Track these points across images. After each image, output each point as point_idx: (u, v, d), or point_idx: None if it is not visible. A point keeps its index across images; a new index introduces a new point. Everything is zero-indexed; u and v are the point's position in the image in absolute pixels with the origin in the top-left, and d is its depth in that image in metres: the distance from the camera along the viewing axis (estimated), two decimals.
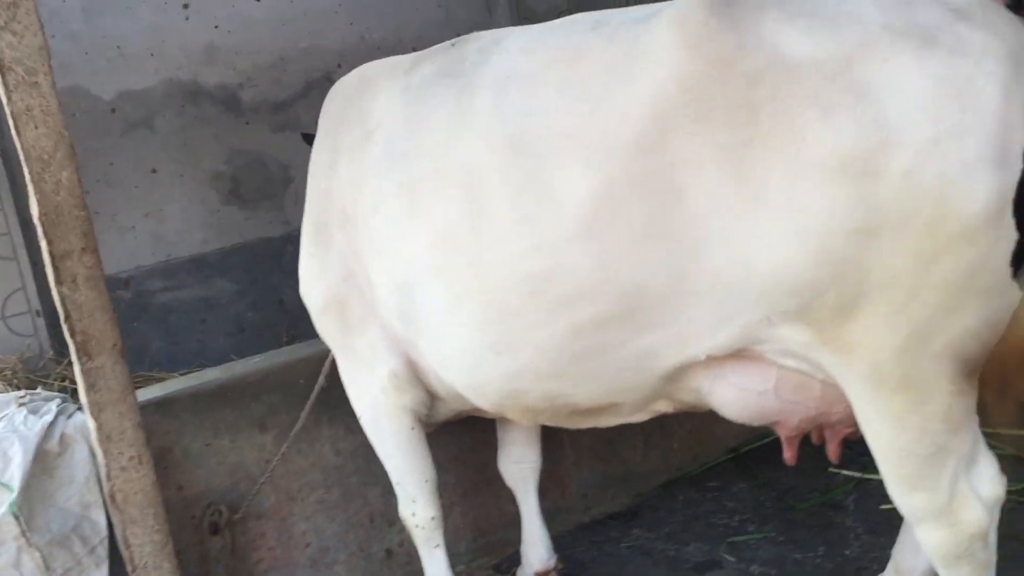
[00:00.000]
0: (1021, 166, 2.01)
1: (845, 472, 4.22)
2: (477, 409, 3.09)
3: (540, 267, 2.44)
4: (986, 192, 1.98)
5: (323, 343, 3.77)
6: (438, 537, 3.26)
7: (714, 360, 2.41)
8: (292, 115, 5.12)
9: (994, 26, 2.05)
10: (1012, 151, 2.00)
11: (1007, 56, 2.01)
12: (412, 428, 3.13)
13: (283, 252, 5.06)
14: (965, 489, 2.31)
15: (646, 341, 2.42)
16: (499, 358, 2.64)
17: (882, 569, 3.47)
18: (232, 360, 4.68)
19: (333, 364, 3.40)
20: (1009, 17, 2.12)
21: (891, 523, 3.75)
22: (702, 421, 4.59)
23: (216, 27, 4.93)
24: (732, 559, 3.74)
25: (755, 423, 2.61)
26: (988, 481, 2.35)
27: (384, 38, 5.28)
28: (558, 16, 2.87)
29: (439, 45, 3.00)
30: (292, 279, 4.69)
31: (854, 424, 2.45)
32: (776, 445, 4.55)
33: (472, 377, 2.78)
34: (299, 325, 5.03)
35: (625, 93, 2.28)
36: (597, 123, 2.32)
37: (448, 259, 2.63)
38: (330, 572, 3.77)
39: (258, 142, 5.01)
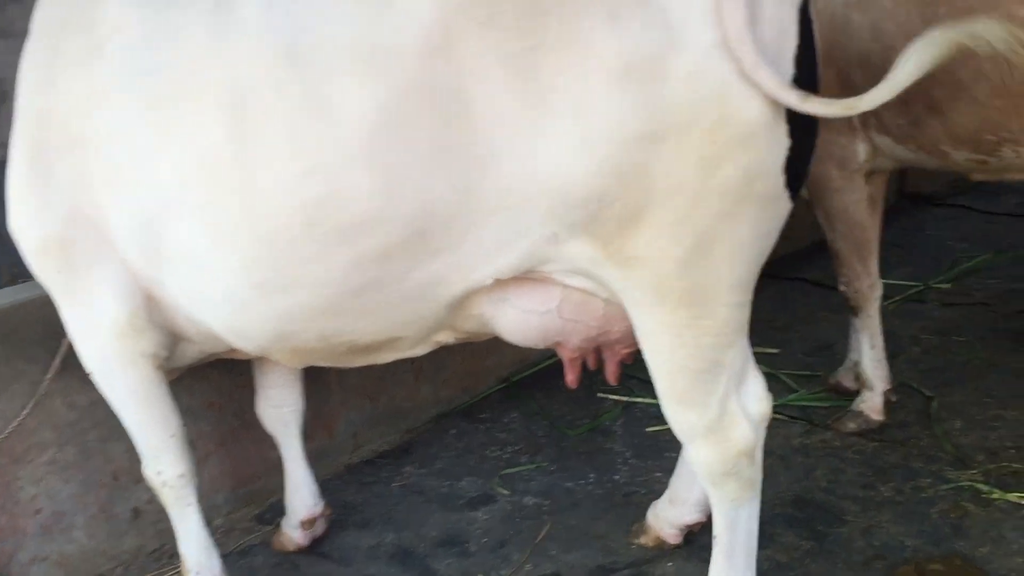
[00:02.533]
0: (792, 71, 2.08)
1: (613, 397, 4.28)
2: (233, 351, 2.81)
3: (316, 193, 2.21)
4: (762, 96, 2.02)
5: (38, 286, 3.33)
6: (190, 495, 2.97)
7: (499, 284, 2.32)
8: (5, 20, 4.45)
9: None
10: (784, 54, 2.06)
11: None
12: (151, 376, 2.79)
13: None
14: (734, 407, 2.37)
15: (432, 268, 2.29)
16: (268, 297, 2.39)
17: (650, 492, 3.54)
18: None
19: None
20: None
21: (657, 446, 3.87)
22: (473, 352, 4.50)
23: None
24: (506, 492, 3.68)
25: (538, 345, 2.56)
26: (756, 399, 2.43)
27: None
28: None
29: None
30: None
31: (632, 344, 2.48)
32: (547, 373, 4.63)
33: (235, 319, 2.51)
34: (22, 264, 4.48)
35: None
36: (378, 29, 2.12)
37: (208, 188, 2.33)
38: (67, 538, 3.38)
39: None
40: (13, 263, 4.48)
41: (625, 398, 4.25)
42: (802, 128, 2.14)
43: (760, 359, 2.59)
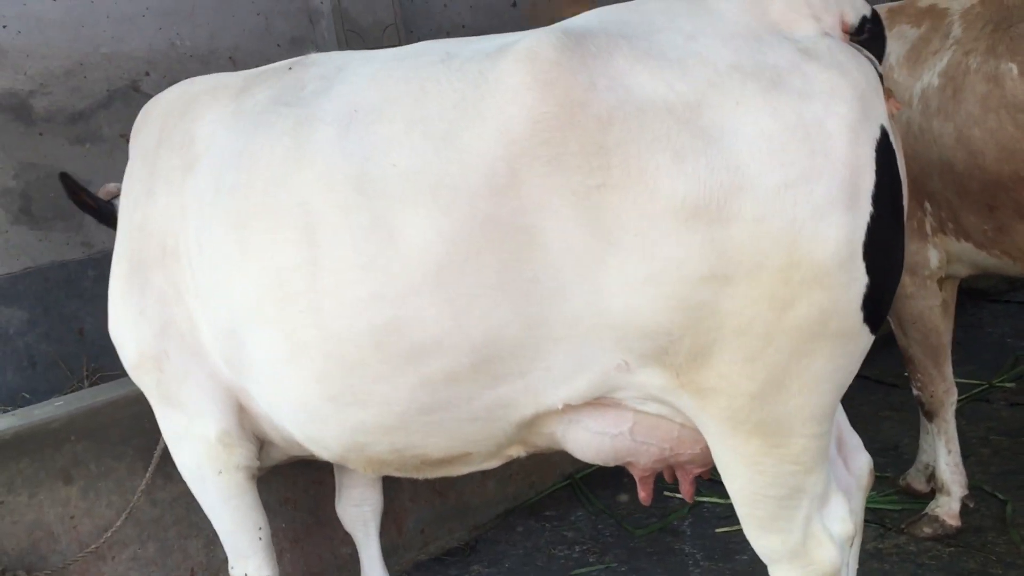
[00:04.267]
0: (870, 209, 2.02)
1: (679, 496, 4.26)
2: (315, 455, 2.87)
3: (384, 317, 2.27)
4: (836, 236, 1.98)
5: (129, 384, 3.43)
6: None
7: (570, 408, 2.33)
8: (93, 126, 4.65)
9: (842, 67, 2.05)
10: (861, 194, 2.01)
11: (855, 98, 2.01)
12: (243, 484, 2.86)
13: (82, 277, 4.58)
14: (818, 529, 2.33)
15: (499, 392, 2.32)
16: (342, 410, 2.45)
17: None
18: (25, 400, 4.21)
19: None
20: (856, 56, 2.13)
21: (728, 548, 3.84)
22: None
23: (3, 27, 4.42)
24: None
25: (608, 464, 2.55)
26: (839, 520, 2.38)
27: (196, 46, 4.91)
28: (383, 31, 2.68)
29: (274, 65, 2.75)
30: (93, 306, 4.26)
31: (705, 464, 2.47)
32: (609, 471, 4.60)
33: (311, 428, 2.57)
34: (101, 358, 4.59)
35: (474, 132, 2.15)
36: (445, 163, 2.17)
37: (283, 305, 2.40)
38: None
39: (53, 155, 4.51)
40: (91, 359, 4.63)
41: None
42: (883, 263, 2.10)
43: None
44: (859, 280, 2.04)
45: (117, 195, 3.56)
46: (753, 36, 2.07)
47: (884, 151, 2.05)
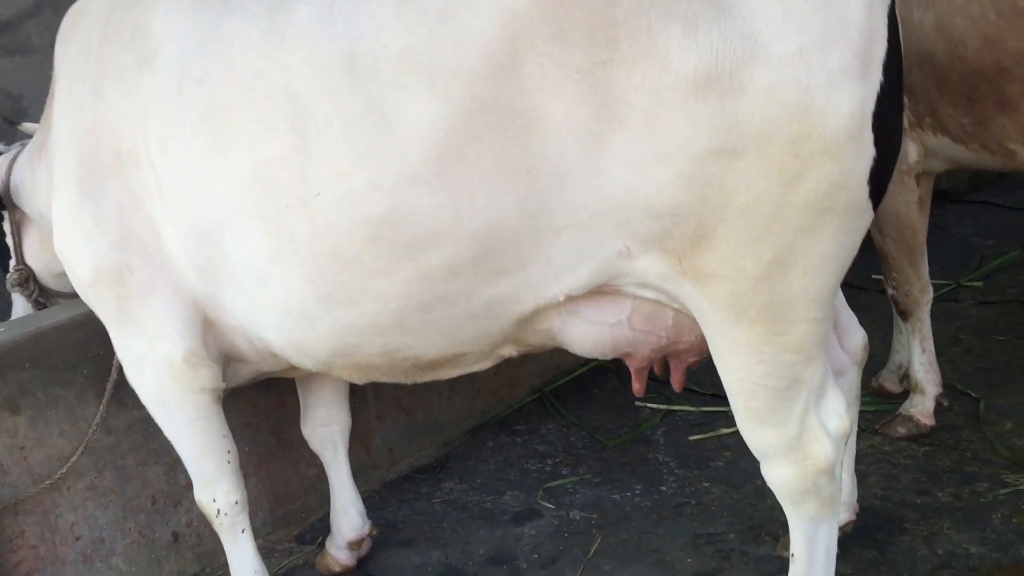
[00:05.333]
0: (880, 79, 1.98)
1: (651, 405, 4.21)
2: (289, 369, 2.74)
3: (381, 208, 2.15)
4: (849, 105, 1.93)
5: (81, 306, 3.24)
6: (244, 521, 2.90)
7: (571, 299, 2.25)
8: (21, 36, 4.35)
9: None
10: (874, 64, 1.97)
11: None
12: (208, 406, 2.73)
13: None
14: (815, 423, 2.29)
15: (501, 287, 2.23)
16: (333, 311, 2.33)
17: (699, 503, 3.49)
18: None
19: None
20: None
21: (702, 455, 3.80)
22: (506, 362, 4.38)
23: None
24: (551, 506, 3.61)
25: (606, 356, 2.49)
26: (836, 415, 2.35)
27: None
28: None
29: None
30: None
31: (701, 353, 2.42)
32: (580, 381, 4.56)
33: (298, 334, 2.44)
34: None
35: (471, 9, 2.02)
36: (441, 43, 2.05)
37: (270, 200, 2.26)
38: (107, 565, 3.30)
39: None
40: None
41: (664, 406, 4.18)
42: (887, 137, 2.06)
43: None
44: (868, 152, 2.00)
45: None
46: None
47: (892, 19, 2.01)
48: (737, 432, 3.74)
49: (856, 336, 2.75)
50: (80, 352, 3.19)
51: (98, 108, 2.52)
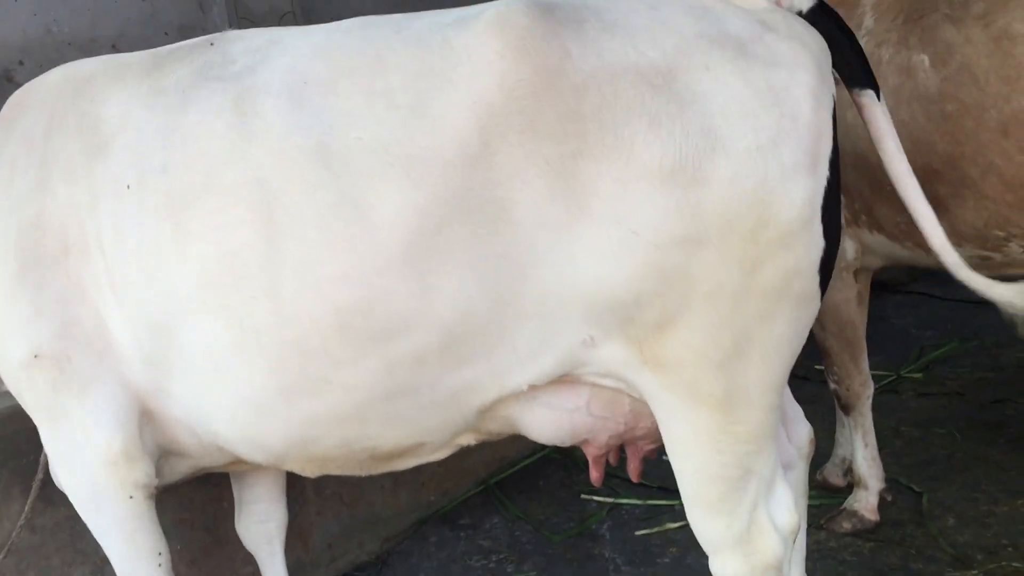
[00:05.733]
0: (827, 174, 2.09)
1: (597, 498, 4.17)
2: (230, 464, 2.67)
3: (351, 297, 2.15)
4: (802, 197, 2.04)
5: (10, 398, 3.13)
6: None
7: (533, 388, 2.25)
8: None
9: (800, 37, 2.13)
10: (821, 158, 2.08)
11: (815, 66, 2.09)
12: (141, 506, 2.60)
13: None
14: (763, 517, 2.29)
15: (464, 375, 2.22)
16: (294, 403, 2.29)
17: None
18: None
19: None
20: (809, 28, 2.20)
21: (648, 551, 3.75)
22: (453, 454, 4.35)
23: None
24: None
25: (565, 443, 2.46)
26: (785, 510, 2.35)
27: (76, 33, 4.56)
28: (280, 18, 2.52)
29: (187, 42, 2.54)
30: None
31: (656, 440, 2.43)
32: (525, 473, 4.50)
33: (253, 427, 2.38)
34: None
35: (444, 102, 2.08)
36: (414, 134, 2.09)
37: (230, 291, 2.23)
38: None
39: None
40: None
41: (610, 500, 4.13)
42: (832, 229, 2.15)
43: None
44: (818, 242, 2.10)
45: None
46: (711, 7, 2.11)
47: (834, 120, 2.13)
48: (684, 527, 3.79)
49: (802, 429, 2.77)
50: (7, 447, 3.07)
51: (43, 200, 2.47)
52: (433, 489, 4.28)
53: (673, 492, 4.11)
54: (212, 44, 2.45)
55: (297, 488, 3.69)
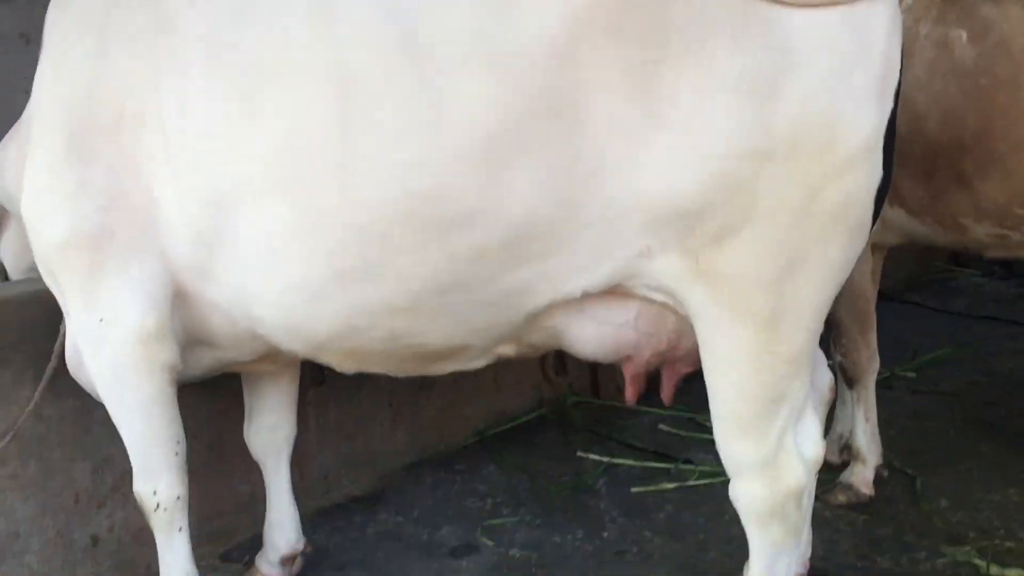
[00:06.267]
0: (892, 105, 2.14)
1: (593, 456, 4.19)
2: (257, 360, 2.71)
3: (423, 184, 2.16)
4: (869, 123, 2.09)
5: (31, 284, 3.13)
6: (182, 519, 2.76)
7: (585, 296, 2.28)
8: None
9: None
10: (889, 88, 2.13)
11: (891, 1, 2.12)
12: (166, 388, 2.62)
13: None
14: (790, 444, 2.33)
15: (520, 275, 2.24)
16: (348, 289, 2.30)
17: (641, 551, 3.44)
18: None
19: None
20: None
21: (644, 507, 3.77)
22: (451, 401, 4.38)
23: None
24: (490, 543, 3.52)
25: (607, 359, 2.50)
26: (812, 441, 2.40)
27: None
28: None
29: None
30: None
31: (694, 363, 2.45)
32: (522, 428, 4.52)
33: (301, 313, 2.38)
34: None
35: (535, 1, 2.09)
36: (502, 30, 2.10)
37: (299, 171, 2.24)
38: (19, 562, 3.10)
39: None
40: None
41: (606, 458, 4.15)
42: (888, 162, 2.20)
43: None
44: (877, 172, 2.15)
45: None
46: None
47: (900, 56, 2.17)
48: (680, 488, 3.87)
49: (824, 375, 2.80)
50: (23, 331, 3.06)
51: (100, 69, 2.47)
52: (431, 434, 4.30)
53: (669, 457, 4.16)
54: None
55: (300, 416, 3.69)
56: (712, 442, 4.09)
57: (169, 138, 2.40)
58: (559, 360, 4.76)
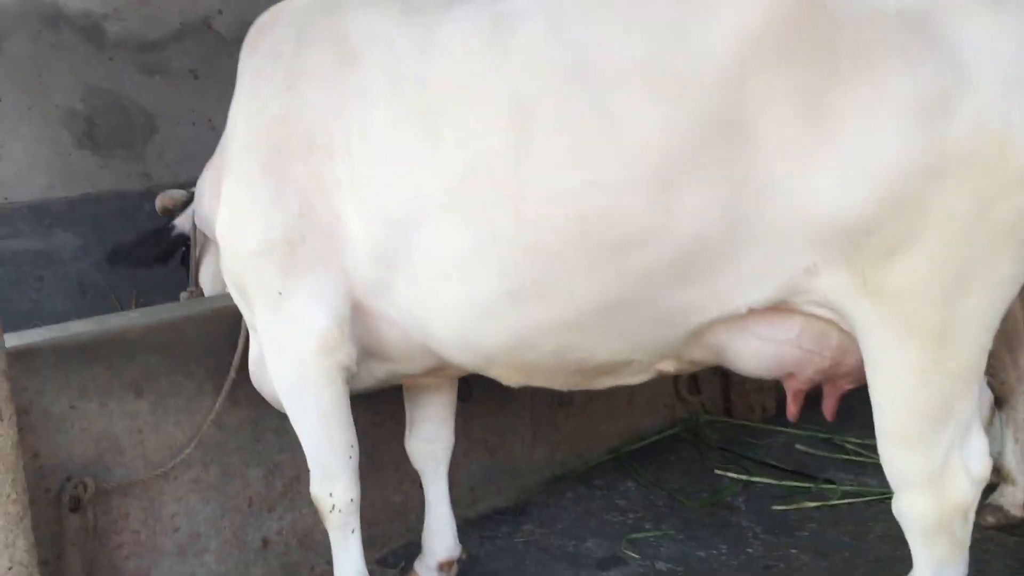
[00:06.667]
0: None
1: (731, 474, 4.23)
2: (428, 372, 2.87)
3: (596, 206, 2.28)
4: None
5: (213, 301, 3.38)
6: (355, 521, 2.94)
7: (750, 312, 2.34)
8: (163, 58, 4.59)
9: None
10: None
11: None
12: (343, 394, 2.81)
13: (139, 209, 4.50)
14: (957, 460, 2.34)
15: (687, 293, 2.33)
16: (519, 306, 2.43)
17: (789, 568, 3.47)
18: None
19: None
20: None
21: (787, 524, 3.80)
22: (588, 418, 4.49)
23: None
24: (635, 556, 3.61)
25: (769, 375, 2.55)
26: (978, 458, 2.39)
27: None
28: None
29: None
30: None
31: (858, 380, 2.48)
32: (657, 446, 4.59)
33: (473, 328, 2.53)
34: (151, 294, 4.51)
35: (705, 27, 2.21)
36: (672, 57, 2.22)
37: (476, 194, 2.39)
38: (199, 562, 3.33)
39: (121, 82, 4.45)
40: (140, 293, 4.55)
41: (744, 476, 4.19)
42: None
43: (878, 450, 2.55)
44: None
45: (176, 205, 3.59)
46: None
47: None
48: (822, 507, 3.88)
49: (985, 393, 2.79)
50: (205, 345, 3.30)
51: (290, 101, 2.68)
52: (568, 449, 4.40)
53: (809, 476, 4.16)
54: None
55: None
56: (850, 462, 4.25)
57: (355, 163, 2.59)
58: (692, 380, 4.84)
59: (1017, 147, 2.08)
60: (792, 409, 2.69)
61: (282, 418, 3.43)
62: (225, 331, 3.29)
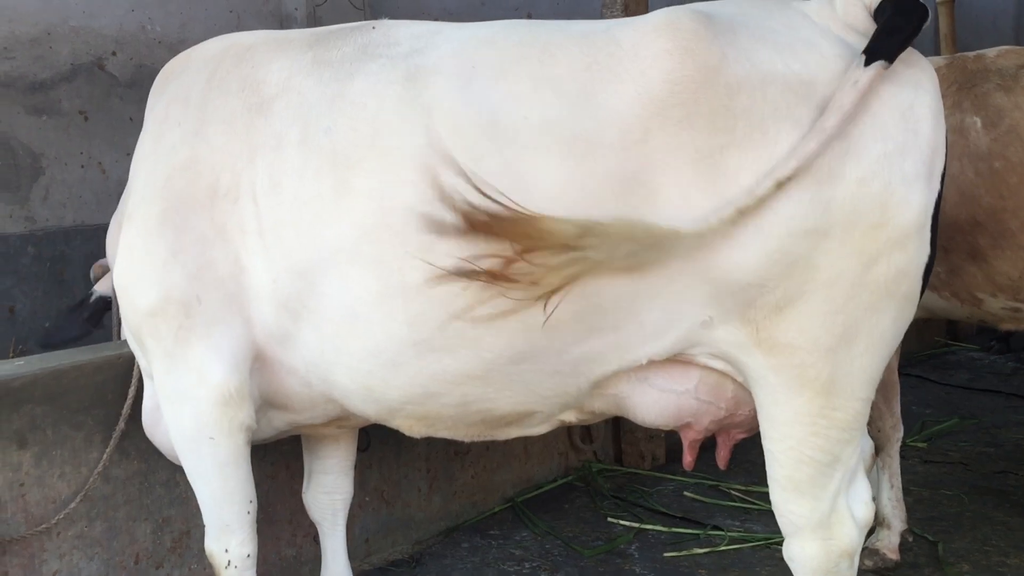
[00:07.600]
0: (938, 187, 2.33)
1: (623, 522, 4.31)
2: (329, 422, 2.83)
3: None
4: (918, 203, 2.27)
5: (104, 349, 3.28)
6: None
7: (650, 364, 2.42)
8: (52, 98, 4.45)
9: (921, 63, 2.36)
10: (936, 172, 2.32)
11: (935, 90, 2.33)
12: (242, 449, 2.74)
13: (21, 253, 4.34)
14: (843, 506, 2.46)
15: (590, 345, 2.39)
16: (424, 357, 2.44)
17: None
18: None
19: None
20: (922, 57, 2.42)
21: (678, 570, 3.89)
22: (483, 468, 4.50)
23: None
24: None
25: (667, 426, 2.63)
26: (862, 503, 2.51)
27: (166, 33, 4.80)
28: None
29: (346, 25, 2.78)
30: (27, 285, 4.20)
31: (750, 429, 2.60)
32: (551, 495, 4.64)
33: (377, 379, 2.52)
34: (30, 340, 4.34)
35: (610, 92, 2.30)
36: (580, 118, 2.30)
37: (388, 245, 2.39)
38: None
39: (8, 122, 4.29)
40: (20, 339, 4.37)
41: (636, 524, 4.27)
42: (934, 241, 2.37)
43: (763, 496, 2.65)
44: (926, 248, 2.32)
45: (106, 272, 3.51)
46: (837, 31, 2.35)
47: (945, 142, 2.35)
48: (711, 553, 3.99)
49: (866, 442, 2.94)
50: (94, 395, 3.19)
51: (196, 149, 2.64)
52: (463, 499, 4.41)
53: (698, 523, 4.26)
54: (374, 28, 2.68)
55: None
56: (736, 508, 4.37)
57: (261, 211, 2.57)
58: (585, 429, 4.92)
59: (896, 210, 2.23)
60: (688, 458, 2.78)
61: (173, 470, 3.35)
62: (116, 380, 3.19)
